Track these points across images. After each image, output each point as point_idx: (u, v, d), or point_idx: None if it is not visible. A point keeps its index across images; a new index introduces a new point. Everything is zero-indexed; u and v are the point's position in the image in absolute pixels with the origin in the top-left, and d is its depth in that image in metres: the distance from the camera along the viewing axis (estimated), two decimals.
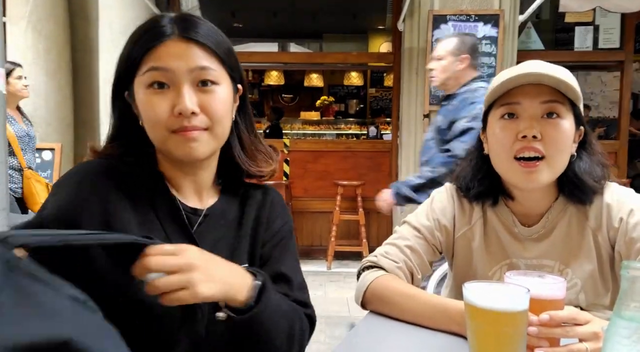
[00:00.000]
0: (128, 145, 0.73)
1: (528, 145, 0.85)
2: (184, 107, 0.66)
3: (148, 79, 0.67)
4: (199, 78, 0.68)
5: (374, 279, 0.92)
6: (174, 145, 0.69)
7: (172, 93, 0.67)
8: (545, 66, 0.88)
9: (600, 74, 4.99)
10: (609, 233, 0.91)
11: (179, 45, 0.67)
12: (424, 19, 3.62)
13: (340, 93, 7.83)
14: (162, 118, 0.67)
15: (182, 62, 0.67)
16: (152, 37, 0.68)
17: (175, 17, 0.70)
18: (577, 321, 0.67)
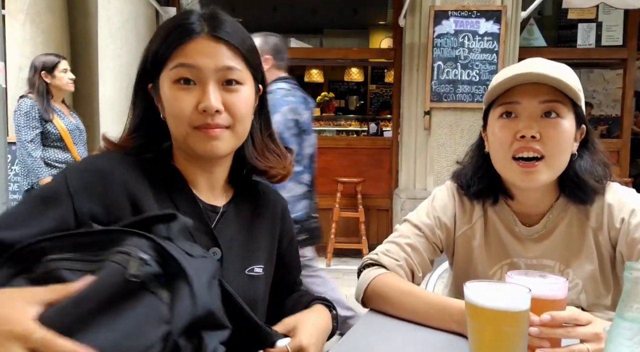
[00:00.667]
0: (147, 138, 0.75)
1: (527, 146, 0.85)
2: (209, 105, 0.68)
3: (175, 74, 0.69)
4: (224, 77, 0.70)
5: (374, 277, 0.92)
6: (195, 141, 0.70)
7: (197, 90, 0.69)
8: (546, 64, 0.87)
9: (602, 71, 4.97)
10: (610, 233, 0.91)
11: (208, 43, 0.69)
12: (426, 14, 3.59)
13: (341, 89, 7.81)
14: (186, 113, 0.69)
15: (210, 61, 0.68)
16: (182, 34, 0.69)
17: (205, 15, 0.71)
18: (578, 321, 0.66)
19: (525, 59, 0.92)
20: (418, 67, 3.70)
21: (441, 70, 3.58)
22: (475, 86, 3.56)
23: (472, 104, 3.55)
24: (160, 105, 0.73)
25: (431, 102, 3.61)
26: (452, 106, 3.60)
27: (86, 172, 0.68)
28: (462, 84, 3.58)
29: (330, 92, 7.62)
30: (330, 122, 6.92)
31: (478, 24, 3.54)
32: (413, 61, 3.72)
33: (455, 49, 3.56)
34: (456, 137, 3.59)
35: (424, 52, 3.64)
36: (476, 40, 3.55)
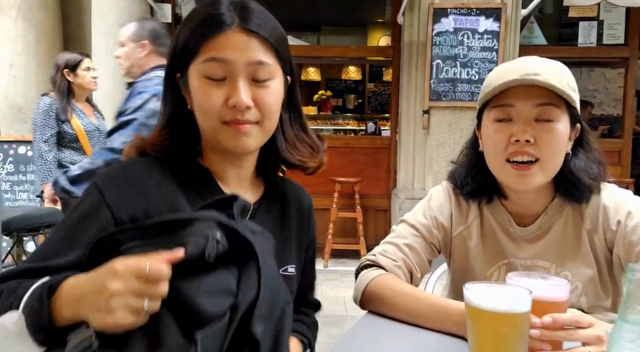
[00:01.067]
0: (176, 135, 0.74)
1: (521, 150, 0.85)
2: (240, 101, 0.67)
3: (205, 69, 0.68)
4: (255, 73, 0.69)
5: (372, 278, 0.91)
6: (224, 136, 0.70)
7: (227, 85, 0.68)
8: (541, 65, 0.86)
9: (604, 70, 4.95)
10: (605, 235, 0.90)
11: (240, 36, 0.68)
12: (424, 12, 3.56)
13: (338, 88, 7.77)
14: (215, 108, 0.68)
15: (242, 55, 0.67)
16: (212, 26, 0.68)
17: (234, 4, 0.70)
18: (580, 324, 0.66)
19: (521, 57, 0.91)
20: (417, 65, 3.66)
21: (440, 68, 3.54)
22: (474, 85, 3.53)
23: (471, 102, 3.51)
24: (188, 96, 0.72)
25: (430, 101, 3.57)
26: (451, 105, 3.56)
27: (118, 179, 0.68)
28: (461, 82, 3.54)
29: (327, 91, 7.57)
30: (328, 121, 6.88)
31: (478, 22, 3.50)
32: (412, 59, 3.68)
33: (454, 47, 3.52)
34: (455, 137, 3.55)
35: (422, 50, 3.60)
36: (476, 39, 3.51)
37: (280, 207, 0.81)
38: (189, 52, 0.69)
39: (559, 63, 0.89)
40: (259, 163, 0.81)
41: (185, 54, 0.70)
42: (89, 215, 0.65)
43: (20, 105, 3.46)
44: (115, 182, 0.68)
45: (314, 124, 6.79)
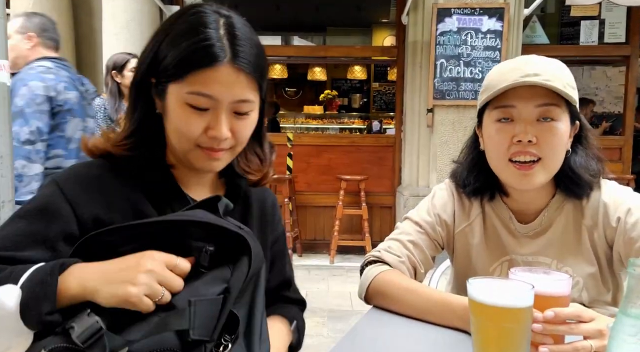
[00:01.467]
0: (141, 145, 0.72)
1: (523, 150, 0.85)
2: (220, 134, 0.68)
3: (191, 99, 0.66)
4: (238, 109, 0.69)
5: (377, 274, 0.92)
6: (196, 158, 0.71)
7: (209, 115, 0.68)
8: (541, 66, 0.86)
9: (605, 68, 4.95)
10: (605, 232, 0.90)
11: (229, 73, 0.66)
12: (428, 12, 3.59)
13: (344, 87, 7.80)
14: (193, 135, 0.68)
15: (229, 93, 0.67)
16: (204, 58, 0.65)
17: (225, 29, 0.67)
18: (582, 318, 0.66)
19: (520, 56, 0.91)
20: (421, 64, 3.70)
21: (444, 67, 3.59)
22: (478, 84, 3.56)
23: (474, 101, 3.52)
24: (159, 102, 0.71)
25: (434, 100, 3.61)
26: (454, 104, 3.60)
27: (79, 176, 0.68)
28: (464, 81, 3.58)
29: (333, 90, 7.61)
30: (334, 120, 6.92)
31: (481, 22, 3.54)
32: (416, 59, 3.72)
33: (458, 46, 3.56)
34: (459, 135, 3.59)
35: (426, 49, 3.64)
36: (479, 38, 3.55)
37: (241, 209, 0.80)
38: (173, 74, 0.67)
39: (558, 61, 0.88)
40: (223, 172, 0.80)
41: (168, 73, 0.67)
42: (49, 211, 0.65)
43: None
44: (76, 179, 0.67)
45: (320, 123, 6.85)
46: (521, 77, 0.84)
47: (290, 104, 7.75)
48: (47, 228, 0.64)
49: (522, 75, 0.84)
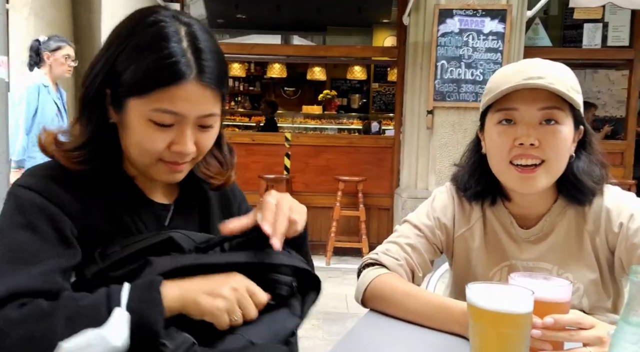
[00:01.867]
0: (95, 156, 0.69)
1: (525, 153, 0.85)
2: (185, 150, 0.67)
3: (155, 116, 0.64)
4: (203, 123, 0.68)
5: (375, 277, 0.91)
6: (158, 172, 0.70)
7: (173, 131, 0.66)
8: (545, 69, 0.85)
9: (608, 72, 4.94)
10: (607, 237, 0.90)
11: (195, 90, 0.64)
12: (430, 13, 3.58)
13: (343, 87, 7.79)
14: (156, 150, 0.67)
15: (194, 109, 0.65)
16: (170, 76, 0.63)
17: (190, 46, 0.65)
18: (581, 325, 0.66)
19: (524, 59, 0.91)
20: (421, 65, 3.68)
21: (445, 69, 3.57)
22: (479, 85, 3.55)
23: (475, 103, 3.53)
24: (114, 113, 0.68)
25: (434, 101, 3.59)
26: (455, 105, 3.58)
27: (47, 178, 0.66)
28: (465, 83, 3.56)
29: (332, 90, 7.60)
30: (332, 120, 6.91)
31: (483, 23, 3.52)
32: (416, 60, 3.71)
33: (459, 48, 3.55)
34: (459, 137, 3.57)
35: (427, 50, 3.62)
36: (480, 40, 3.53)
37: (200, 204, 0.80)
38: (136, 90, 0.64)
39: (562, 65, 0.88)
40: None
41: (129, 88, 0.65)
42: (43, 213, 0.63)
43: None
44: (45, 181, 0.65)
45: (318, 123, 6.83)
46: (524, 80, 0.83)
47: (289, 103, 7.73)
48: (57, 229, 0.63)
49: (525, 77, 0.83)
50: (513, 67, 0.88)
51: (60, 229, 0.63)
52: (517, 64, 0.89)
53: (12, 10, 3.44)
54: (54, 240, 0.63)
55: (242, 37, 6.61)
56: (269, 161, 4.11)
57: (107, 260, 0.64)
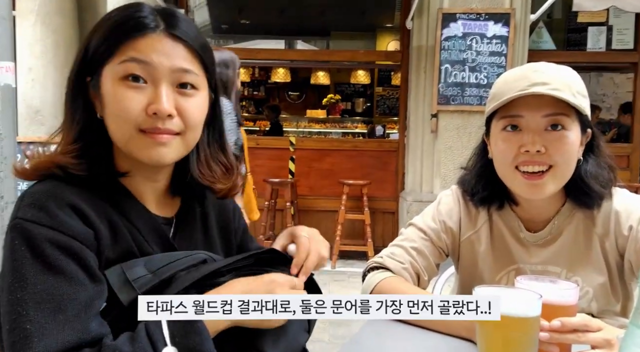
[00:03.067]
0: (89, 150, 0.65)
1: (532, 160, 0.84)
2: (162, 108, 0.62)
3: (123, 70, 0.61)
4: (179, 80, 0.64)
5: (380, 280, 0.91)
6: (140, 146, 0.63)
7: (148, 90, 0.62)
8: (550, 74, 0.84)
9: (612, 75, 4.93)
10: (617, 241, 0.89)
11: (165, 41, 0.62)
12: (433, 17, 3.59)
13: (347, 91, 7.80)
14: (133, 114, 0.62)
15: (166, 59, 0.62)
16: (134, 27, 0.62)
17: (159, 10, 0.65)
18: (589, 328, 0.65)
19: (528, 63, 0.90)
20: (425, 69, 3.69)
21: (449, 72, 3.57)
22: (483, 89, 3.55)
23: (479, 107, 3.53)
24: (99, 102, 0.65)
25: (438, 105, 3.59)
26: (459, 109, 3.58)
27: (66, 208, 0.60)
28: (469, 86, 3.56)
29: (336, 95, 7.61)
30: (337, 124, 6.92)
31: (486, 27, 3.53)
32: (420, 64, 3.71)
33: (463, 51, 3.55)
34: (463, 140, 3.57)
35: (431, 54, 3.63)
36: (484, 43, 3.53)
37: (200, 218, 0.76)
38: (104, 53, 0.62)
39: (568, 69, 0.86)
40: (174, 180, 0.75)
41: (98, 56, 0.62)
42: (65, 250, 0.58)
43: (37, 108, 3.54)
44: (48, 207, 0.59)
45: (323, 127, 6.84)
46: (528, 86, 0.82)
47: (293, 107, 7.75)
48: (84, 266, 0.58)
49: (528, 84, 0.82)
50: (517, 72, 0.87)
51: (85, 265, 0.58)
52: (521, 69, 0.87)
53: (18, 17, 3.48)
54: (82, 279, 0.58)
55: (246, 43, 6.64)
56: (274, 165, 4.12)
57: (141, 285, 0.61)
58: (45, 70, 3.58)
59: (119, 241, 0.64)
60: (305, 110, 7.28)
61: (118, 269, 0.62)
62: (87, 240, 0.60)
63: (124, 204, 0.67)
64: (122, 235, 0.64)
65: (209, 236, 0.77)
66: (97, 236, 0.61)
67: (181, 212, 0.75)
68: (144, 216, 0.68)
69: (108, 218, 0.64)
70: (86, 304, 0.57)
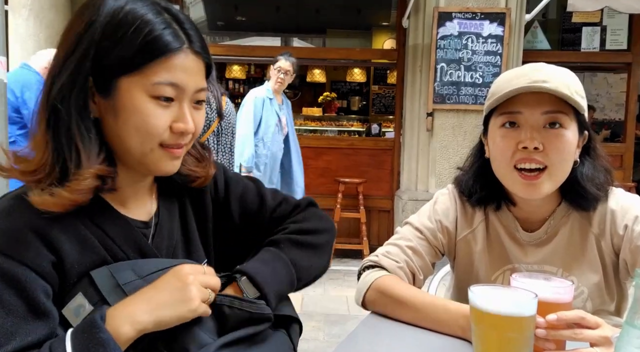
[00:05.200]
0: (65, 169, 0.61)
1: (529, 157, 0.84)
2: (189, 128, 0.64)
3: (157, 90, 0.61)
4: (197, 98, 0.66)
5: (375, 279, 0.91)
6: (156, 159, 0.65)
7: (174, 108, 0.64)
8: (549, 73, 0.85)
9: (606, 75, 4.96)
10: (612, 240, 0.90)
11: (191, 59, 0.63)
12: (429, 16, 3.59)
13: (343, 89, 7.79)
14: (159, 131, 0.63)
15: (192, 80, 0.64)
16: (168, 44, 0.60)
17: (174, 19, 0.63)
18: (585, 322, 0.65)
19: (528, 63, 0.90)
20: (421, 68, 3.69)
21: (444, 71, 3.58)
22: (478, 88, 3.56)
23: (475, 105, 3.54)
24: (104, 106, 0.62)
25: (434, 104, 3.60)
26: (455, 108, 3.59)
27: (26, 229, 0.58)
28: (465, 85, 3.57)
29: (332, 93, 7.60)
30: (332, 122, 6.91)
31: (482, 26, 3.53)
32: (416, 62, 3.72)
33: (458, 50, 3.56)
34: (459, 139, 3.58)
35: (427, 53, 3.63)
36: (480, 42, 3.54)
37: (179, 210, 0.76)
38: (127, 65, 0.60)
39: (566, 70, 0.87)
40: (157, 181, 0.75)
41: (121, 67, 0.60)
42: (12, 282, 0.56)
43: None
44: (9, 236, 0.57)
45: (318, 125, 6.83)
46: (528, 83, 0.83)
47: None
48: (25, 298, 0.57)
49: (529, 81, 0.83)
50: (517, 70, 0.88)
51: (27, 297, 0.57)
52: (521, 68, 0.88)
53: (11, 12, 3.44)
54: (21, 312, 0.56)
55: (241, 39, 6.61)
56: None
57: (131, 290, 0.61)
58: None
59: (89, 254, 0.62)
60: (301, 108, 7.26)
61: (105, 271, 0.62)
62: (40, 268, 0.58)
63: (96, 213, 0.64)
64: (92, 247, 0.63)
65: (188, 231, 0.76)
66: (60, 259, 0.60)
67: (159, 215, 0.73)
68: (118, 222, 0.66)
69: (76, 232, 0.62)
70: (6, 335, 0.55)
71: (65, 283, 0.61)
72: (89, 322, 0.56)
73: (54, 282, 0.60)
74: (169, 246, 0.72)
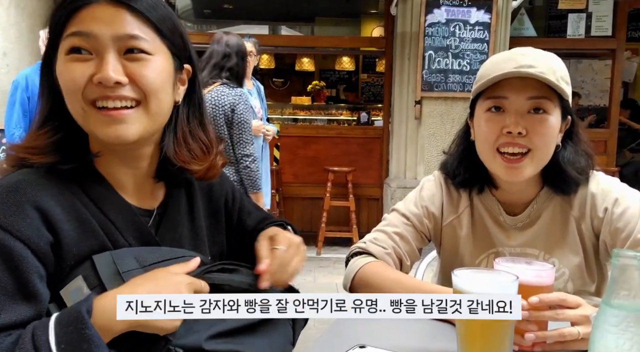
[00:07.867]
0: (61, 132, 0.64)
1: (512, 141, 0.85)
2: (106, 76, 0.59)
3: (68, 44, 0.61)
4: (126, 46, 0.62)
5: (362, 265, 0.92)
6: (96, 124, 0.62)
7: (94, 61, 0.61)
8: (536, 57, 0.86)
9: (591, 61, 5.01)
10: (592, 222, 0.92)
11: (106, 9, 0.61)
12: (417, 3, 3.58)
13: (332, 78, 7.75)
14: (78, 86, 0.60)
15: (108, 28, 0.60)
16: (74, 1, 0.62)
17: None
18: (566, 303, 0.67)
19: (518, 47, 0.91)
20: (409, 56, 3.69)
21: (432, 59, 3.58)
22: (466, 76, 3.57)
23: (462, 93, 3.56)
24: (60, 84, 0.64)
25: (422, 92, 3.61)
26: (442, 96, 3.61)
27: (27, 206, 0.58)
28: (453, 73, 3.58)
29: (321, 81, 7.56)
30: (321, 111, 6.89)
31: (469, 14, 3.54)
32: (404, 50, 3.71)
33: (446, 38, 3.56)
34: (447, 127, 3.60)
35: (415, 41, 3.63)
36: (467, 30, 3.54)
37: (187, 203, 0.75)
38: (56, 32, 0.63)
39: (553, 55, 0.88)
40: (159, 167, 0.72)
41: (53, 36, 0.63)
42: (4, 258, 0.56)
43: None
44: (5, 209, 0.57)
45: (307, 114, 6.81)
46: (515, 68, 0.84)
47: (278, 94, 7.68)
48: (16, 277, 0.56)
49: (516, 66, 0.84)
50: (505, 55, 0.89)
51: (18, 276, 0.56)
52: (509, 52, 0.89)
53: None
54: (10, 290, 0.56)
55: (229, 28, 6.52)
56: None
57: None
58: (20, 55, 3.47)
59: (88, 238, 0.62)
60: (290, 97, 7.22)
61: (107, 257, 0.61)
62: (37, 246, 0.58)
63: (98, 195, 0.64)
64: (92, 230, 0.62)
65: (195, 226, 0.75)
66: (58, 240, 0.59)
67: (165, 203, 0.72)
68: (120, 207, 0.66)
69: (77, 214, 0.61)
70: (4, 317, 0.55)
71: (61, 265, 0.60)
72: (74, 316, 0.54)
73: (49, 263, 0.59)
74: (173, 239, 0.71)
